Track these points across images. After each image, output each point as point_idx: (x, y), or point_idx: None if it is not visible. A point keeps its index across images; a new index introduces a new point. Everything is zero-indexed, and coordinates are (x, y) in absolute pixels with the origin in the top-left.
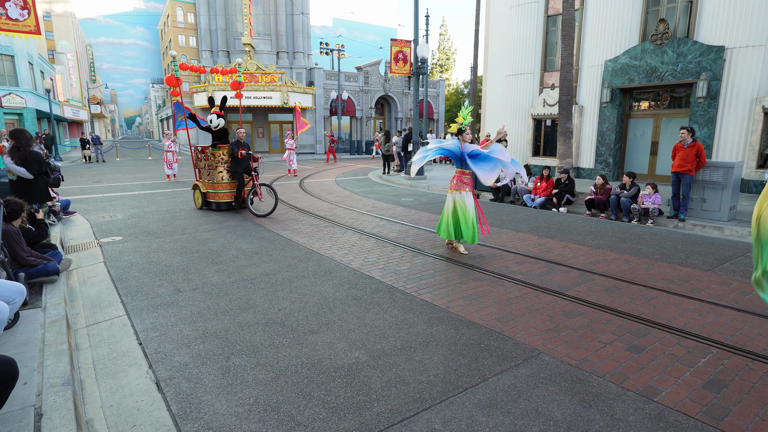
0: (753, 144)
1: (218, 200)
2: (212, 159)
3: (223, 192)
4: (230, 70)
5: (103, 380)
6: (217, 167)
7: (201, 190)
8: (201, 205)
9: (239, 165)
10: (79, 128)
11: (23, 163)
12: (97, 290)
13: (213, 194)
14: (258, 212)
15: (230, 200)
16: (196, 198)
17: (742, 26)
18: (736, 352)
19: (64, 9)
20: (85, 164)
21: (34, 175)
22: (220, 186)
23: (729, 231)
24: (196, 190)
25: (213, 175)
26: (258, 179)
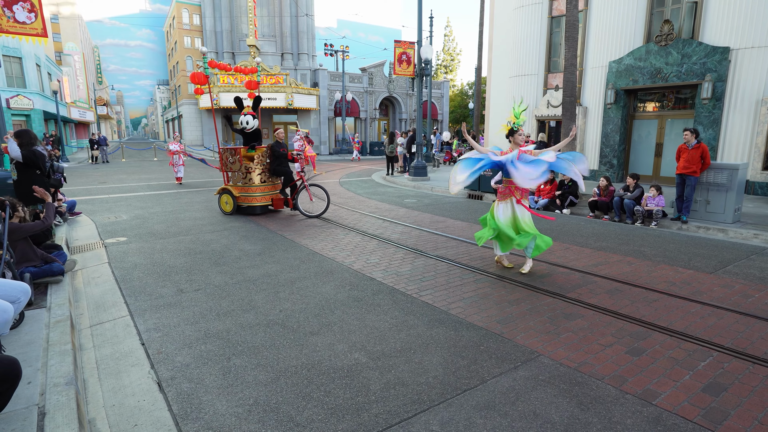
0: (759, 145)
1: (252, 203)
2: (247, 161)
3: (256, 195)
4: (250, 70)
5: (106, 380)
6: (255, 170)
7: (234, 194)
8: (231, 210)
9: (285, 164)
10: (85, 129)
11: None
12: (102, 291)
13: (246, 198)
14: (310, 213)
15: (265, 203)
16: (223, 203)
17: (747, 27)
18: (736, 355)
19: (72, 11)
20: (91, 165)
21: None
22: (253, 189)
23: (733, 233)
24: (224, 194)
25: (249, 177)
26: (306, 180)
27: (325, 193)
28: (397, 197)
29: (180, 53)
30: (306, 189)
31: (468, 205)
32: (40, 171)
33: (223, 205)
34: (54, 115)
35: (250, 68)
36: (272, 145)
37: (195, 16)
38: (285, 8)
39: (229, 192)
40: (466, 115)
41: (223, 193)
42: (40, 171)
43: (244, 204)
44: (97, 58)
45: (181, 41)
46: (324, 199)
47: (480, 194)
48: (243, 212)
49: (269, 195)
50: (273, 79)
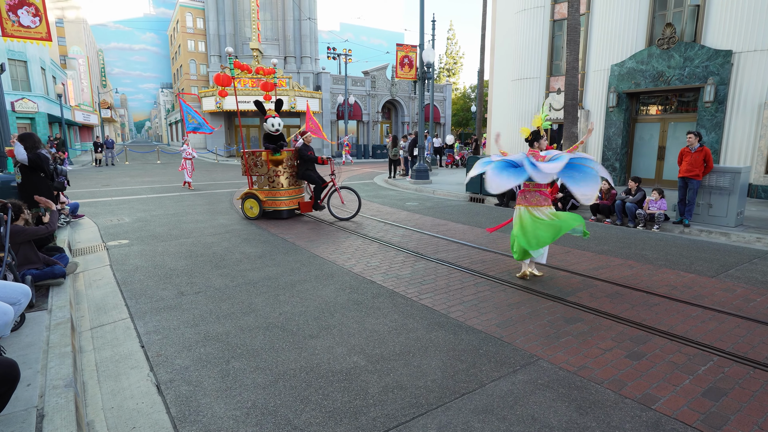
0: (762, 149)
1: (279, 208)
2: (274, 165)
3: (282, 199)
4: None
5: (105, 382)
6: (283, 173)
7: (260, 198)
8: (257, 216)
9: (313, 169)
10: (89, 132)
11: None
12: (103, 293)
13: (273, 202)
14: (341, 216)
15: (292, 207)
16: (247, 208)
17: (749, 30)
18: (737, 360)
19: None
20: (95, 168)
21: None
22: (281, 193)
23: (736, 237)
24: (249, 199)
25: (277, 181)
26: (337, 182)
27: (356, 195)
28: (399, 200)
29: (184, 56)
30: (337, 192)
31: (469, 209)
32: (44, 174)
33: (247, 210)
34: (58, 118)
35: (268, 69)
36: (300, 148)
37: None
38: (288, 12)
39: (254, 196)
40: (469, 118)
41: (247, 197)
42: (45, 174)
43: (270, 208)
44: (101, 61)
45: (185, 45)
46: (356, 199)
47: (482, 197)
48: (268, 217)
49: (296, 199)
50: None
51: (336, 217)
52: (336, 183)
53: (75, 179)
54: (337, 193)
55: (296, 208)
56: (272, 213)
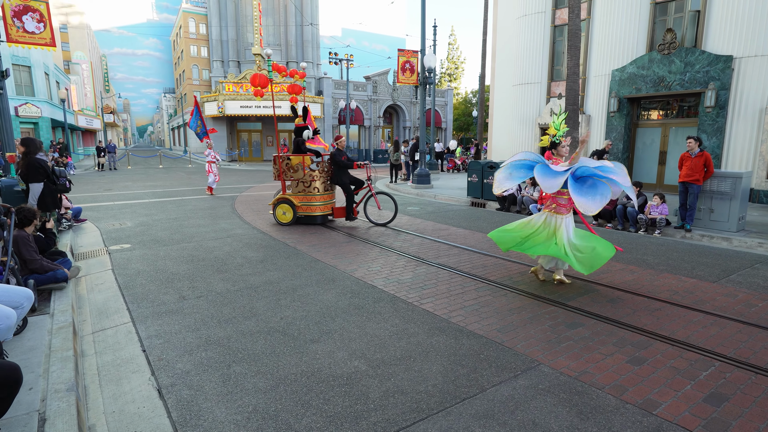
0: (763, 154)
1: (313, 213)
2: (311, 170)
3: (317, 204)
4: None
5: (107, 386)
6: (318, 179)
7: (294, 203)
8: (290, 221)
9: (346, 174)
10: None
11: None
12: (105, 297)
13: (307, 207)
14: (377, 221)
15: (326, 213)
16: (280, 213)
17: (750, 36)
18: (739, 365)
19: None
20: (97, 172)
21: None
22: (316, 198)
23: (737, 242)
24: (283, 204)
25: (312, 185)
26: (373, 188)
27: (393, 201)
28: (401, 205)
29: (186, 62)
30: (374, 197)
31: (471, 213)
32: (47, 178)
33: (279, 215)
34: (61, 122)
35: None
36: (333, 153)
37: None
38: (290, 18)
39: (289, 202)
40: (470, 123)
41: (281, 202)
42: (47, 178)
43: (304, 214)
44: (104, 66)
45: (188, 50)
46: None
47: (483, 202)
48: (301, 223)
49: (329, 204)
50: (278, 87)
51: (373, 222)
52: (372, 188)
53: (77, 184)
54: (373, 198)
55: (329, 214)
56: (305, 219)
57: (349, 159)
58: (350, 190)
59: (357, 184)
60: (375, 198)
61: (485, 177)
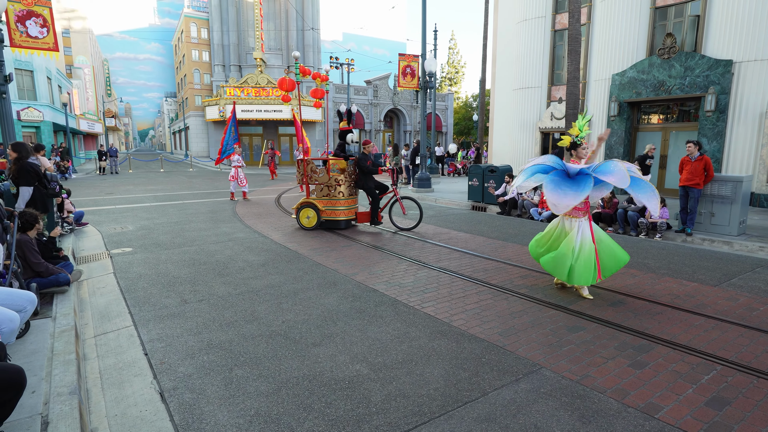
0: (763, 157)
1: (337, 218)
2: (336, 174)
3: (341, 209)
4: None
5: (109, 390)
6: (344, 183)
7: (318, 208)
8: (314, 226)
9: (371, 179)
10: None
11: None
12: (106, 301)
13: (331, 212)
14: (402, 226)
15: (349, 217)
16: (304, 218)
17: (750, 40)
18: (740, 369)
19: (83, 26)
20: (99, 176)
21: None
22: (341, 203)
23: (738, 245)
24: (306, 208)
25: (337, 189)
26: (398, 192)
27: (418, 206)
28: None
29: (188, 66)
30: (399, 202)
31: (471, 217)
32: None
33: (303, 219)
34: (63, 127)
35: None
36: (359, 158)
37: (203, 30)
38: (291, 22)
39: (312, 206)
40: (471, 127)
41: (304, 207)
42: (38, 182)
43: (328, 218)
44: (106, 71)
45: (189, 54)
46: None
47: (484, 206)
48: (325, 227)
49: (353, 209)
50: (279, 91)
51: (398, 227)
52: (398, 193)
53: (79, 187)
54: (398, 203)
55: (353, 219)
56: (329, 223)
57: (375, 164)
58: (376, 195)
59: (382, 188)
60: (400, 203)
61: (486, 181)
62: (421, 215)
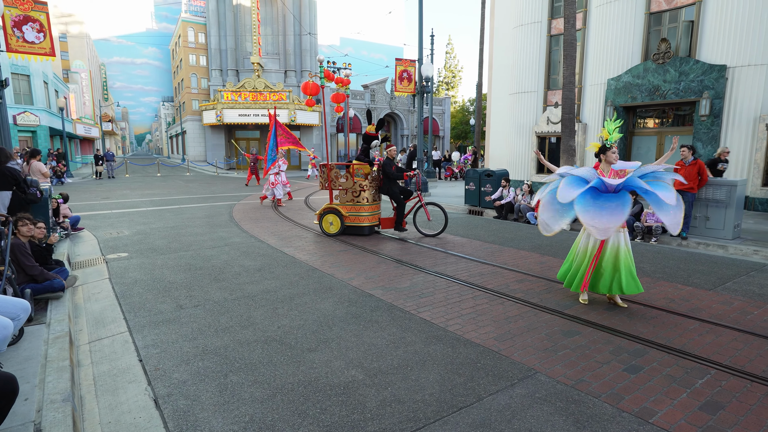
0: (758, 162)
1: (361, 224)
2: (361, 179)
3: (365, 215)
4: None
5: (103, 396)
6: (369, 188)
7: (342, 213)
8: (337, 232)
9: (396, 184)
10: (90, 145)
11: None
12: (101, 306)
13: (355, 218)
14: (427, 232)
15: (373, 223)
16: (327, 223)
17: (743, 45)
18: (734, 373)
19: (80, 30)
20: (95, 180)
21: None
22: (365, 209)
23: (733, 249)
24: (330, 214)
25: (362, 195)
26: (423, 198)
27: (443, 212)
28: None
29: (185, 71)
30: (423, 207)
31: (468, 221)
32: (16, 187)
33: (326, 225)
34: (60, 131)
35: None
36: (384, 163)
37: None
38: (288, 27)
39: (336, 212)
40: (468, 131)
41: (328, 212)
42: (17, 187)
43: (351, 224)
44: (103, 75)
45: (186, 59)
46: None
47: (480, 210)
48: (348, 233)
49: (376, 215)
50: (276, 95)
51: (422, 233)
52: (422, 198)
53: (75, 192)
54: (423, 209)
55: (377, 225)
56: (352, 229)
57: (399, 169)
58: (401, 201)
59: (406, 194)
60: (425, 209)
61: (482, 185)
62: (446, 221)
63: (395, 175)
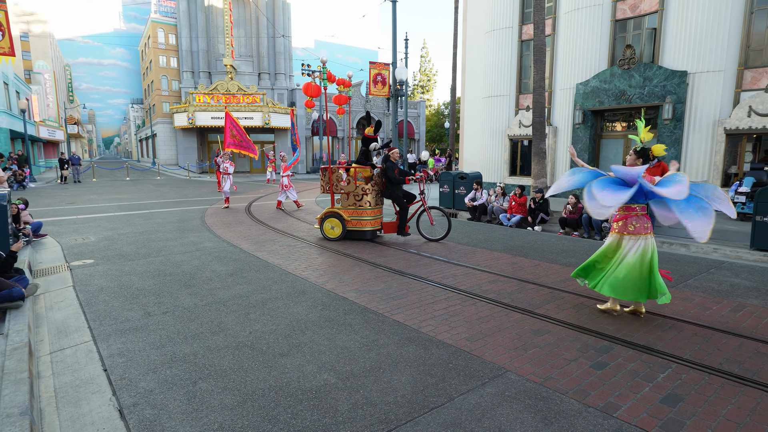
0: (717, 164)
1: (363, 228)
2: (363, 183)
3: (367, 219)
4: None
5: (64, 409)
6: (371, 192)
7: (344, 217)
8: (339, 236)
9: (399, 188)
10: (55, 148)
11: None
12: (64, 315)
13: (357, 222)
14: (431, 236)
15: (375, 228)
16: (328, 228)
17: (702, 52)
18: (694, 366)
19: (43, 29)
20: (60, 185)
21: None
22: (367, 213)
23: (694, 248)
24: (331, 218)
25: (364, 199)
26: (426, 202)
27: (446, 216)
28: None
29: (155, 72)
30: (426, 212)
31: (442, 223)
32: None
33: (327, 230)
34: (21, 134)
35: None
36: (386, 166)
37: (171, 36)
38: (262, 29)
39: (338, 216)
40: (443, 134)
41: (329, 216)
42: None
43: (353, 228)
44: (68, 76)
45: (157, 60)
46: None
47: (454, 212)
48: (350, 238)
49: (378, 219)
50: (250, 98)
51: (426, 238)
52: (426, 202)
53: (38, 197)
54: (426, 213)
55: (379, 229)
56: (354, 234)
57: (402, 172)
58: (404, 205)
59: (410, 198)
60: (428, 213)
61: (456, 188)
62: (449, 225)
63: (398, 179)
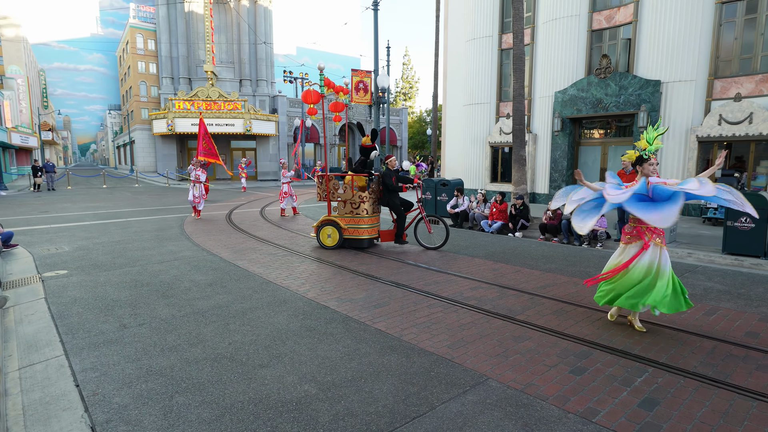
0: (690, 170)
1: (360, 236)
2: (360, 191)
3: (364, 227)
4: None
5: (33, 427)
6: (368, 200)
7: (341, 225)
8: (335, 245)
9: (397, 196)
10: (27, 155)
11: None
12: (35, 329)
13: (354, 230)
14: (428, 245)
15: (372, 236)
16: (325, 236)
17: (675, 63)
18: (669, 370)
19: (16, 34)
20: (33, 193)
21: None
22: (364, 221)
23: (669, 252)
24: (328, 226)
25: (362, 207)
26: (424, 210)
27: (444, 224)
28: None
29: (134, 78)
30: (424, 220)
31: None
32: None
33: (324, 238)
34: None
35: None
36: (383, 174)
37: (150, 41)
38: (243, 36)
39: (334, 224)
40: (425, 141)
41: (325, 224)
42: None
43: (350, 237)
44: (43, 81)
45: (135, 66)
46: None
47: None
48: (346, 246)
49: (375, 227)
50: (231, 105)
51: (424, 246)
52: (423, 210)
53: (9, 206)
54: (424, 221)
55: (376, 237)
56: (351, 242)
57: (399, 179)
58: (402, 213)
59: (407, 206)
60: (426, 221)
61: (438, 194)
62: (447, 234)
63: (395, 186)
